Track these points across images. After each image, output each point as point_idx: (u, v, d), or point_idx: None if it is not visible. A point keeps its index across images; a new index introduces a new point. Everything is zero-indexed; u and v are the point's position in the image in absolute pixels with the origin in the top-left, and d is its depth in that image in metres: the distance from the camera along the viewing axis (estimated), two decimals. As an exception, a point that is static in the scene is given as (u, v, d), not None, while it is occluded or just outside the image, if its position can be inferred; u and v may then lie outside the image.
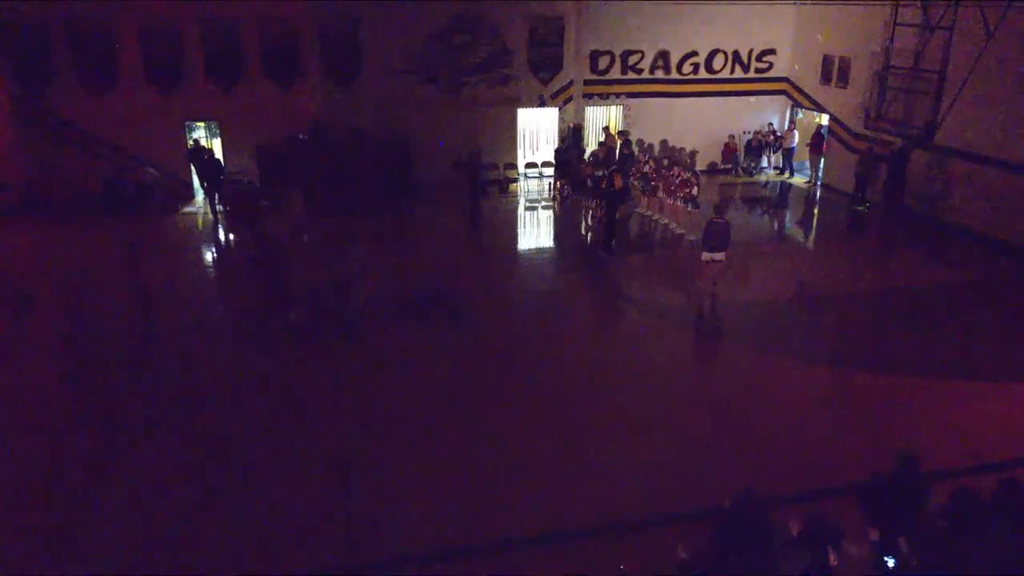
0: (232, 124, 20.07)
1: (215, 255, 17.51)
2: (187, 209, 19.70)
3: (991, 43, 16.09)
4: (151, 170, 19.87)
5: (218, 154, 19.85)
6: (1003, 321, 13.38)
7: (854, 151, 20.65)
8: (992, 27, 16.02)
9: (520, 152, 22.42)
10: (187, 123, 20.34)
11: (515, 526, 8.14)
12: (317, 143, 19.81)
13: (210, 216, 18.75)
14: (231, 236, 18.19)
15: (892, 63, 18.81)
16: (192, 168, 19.90)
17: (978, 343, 12.48)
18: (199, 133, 21.08)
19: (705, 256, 13.98)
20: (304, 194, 16.71)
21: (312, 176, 19.28)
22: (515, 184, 22.15)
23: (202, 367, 11.68)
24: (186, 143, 20.15)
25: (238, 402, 10.64)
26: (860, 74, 20.31)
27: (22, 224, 18.26)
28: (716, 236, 13.71)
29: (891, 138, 19.27)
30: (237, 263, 17.00)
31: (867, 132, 20.01)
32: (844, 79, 21.03)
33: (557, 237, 19.01)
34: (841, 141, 21.38)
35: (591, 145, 22.28)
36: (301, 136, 19.89)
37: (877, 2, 19.21)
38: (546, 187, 21.98)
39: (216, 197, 18.72)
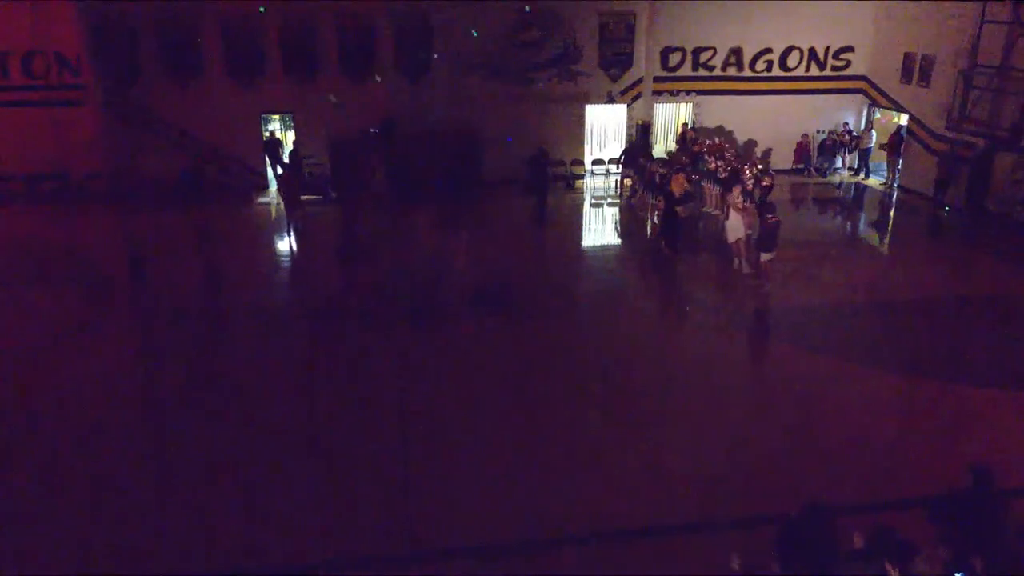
0: (306, 117, 20.58)
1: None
2: (262, 199, 20.30)
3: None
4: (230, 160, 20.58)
5: (290, 146, 20.48)
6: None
7: (934, 153, 19.93)
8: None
9: (587, 149, 22.38)
10: (263, 115, 20.95)
11: (567, 524, 8.08)
12: (387, 137, 20.17)
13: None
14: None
15: (978, 62, 18.09)
16: (267, 159, 20.52)
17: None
18: (274, 126, 21.70)
19: (763, 256, 13.96)
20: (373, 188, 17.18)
21: (382, 169, 19.69)
22: (582, 181, 22.13)
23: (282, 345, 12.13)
24: (262, 135, 20.78)
25: (298, 384, 10.98)
26: (943, 73, 19.58)
27: (109, 209, 19.20)
28: (766, 235, 13.85)
29: (974, 139, 18.55)
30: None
31: (949, 133, 19.30)
32: (926, 78, 20.31)
33: (621, 234, 18.93)
34: (920, 142, 20.66)
35: (659, 142, 22.12)
36: (373, 130, 20.29)
37: (965, -2, 18.51)
38: (613, 184, 21.88)
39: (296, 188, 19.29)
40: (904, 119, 21.46)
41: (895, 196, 21.20)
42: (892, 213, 20.46)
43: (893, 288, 15.00)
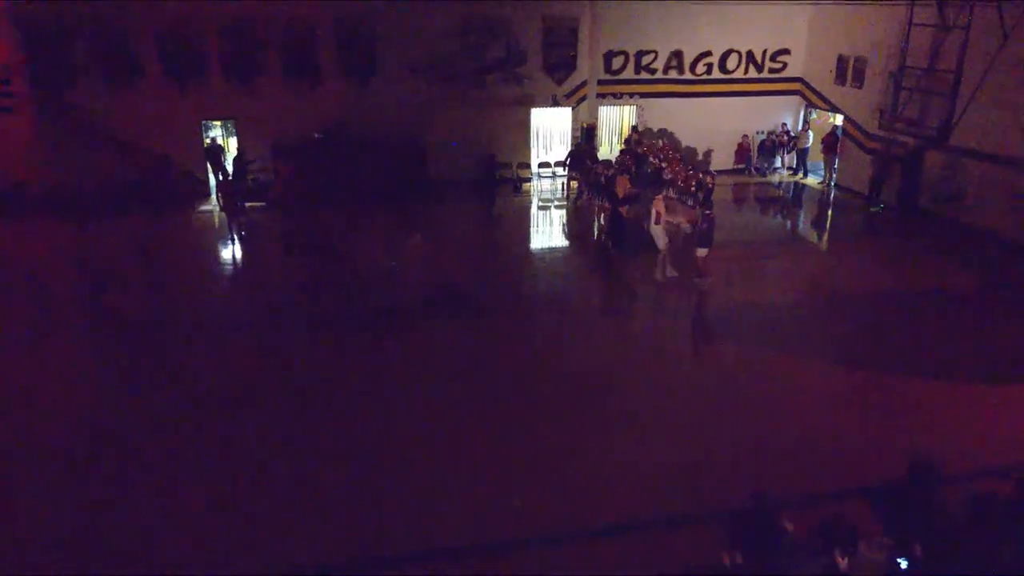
0: (249, 123, 20.25)
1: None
2: (203, 207, 19.91)
3: (1007, 43, 16.03)
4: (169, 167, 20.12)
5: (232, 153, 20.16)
6: (1020, 323, 13.27)
7: (868, 152, 20.60)
8: (1008, 27, 15.96)
9: (533, 152, 22.51)
10: (204, 121, 20.56)
11: (521, 526, 8.07)
12: (333, 142, 19.99)
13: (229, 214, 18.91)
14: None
15: (907, 63, 18.75)
16: (208, 166, 20.15)
17: (994, 345, 12.37)
18: (215, 132, 21.31)
19: (699, 252, 14.23)
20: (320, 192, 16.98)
21: (327, 174, 19.50)
22: (529, 183, 22.25)
23: (224, 354, 11.89)
24: (203, 141, 20.39)
25: (252, 395, 10.78)
26: (875, 74, 20.26)
27: (45, 220, 18.57)
28: (703, 232, 14.16)
29: (906, 139, 19.22)
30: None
31: (882, 133, 19.95)
32: (859, 79, 20.99)
33: (568, 236, 19.06)
34: (855, 141, 21.33)
35: (604, 145, 22.37)
36: (317, 135, 20.07)
37: (893, 2, 19.16)
38: (559, 187, 22.05)
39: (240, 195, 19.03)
40: (839, 119, 22.13)
41: (832, 195, 21.82)
42: (829, 211, 21.05)
43: (831, 284, 15.39)
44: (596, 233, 18.45)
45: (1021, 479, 6.20)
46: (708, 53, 22.55)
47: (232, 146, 21.05)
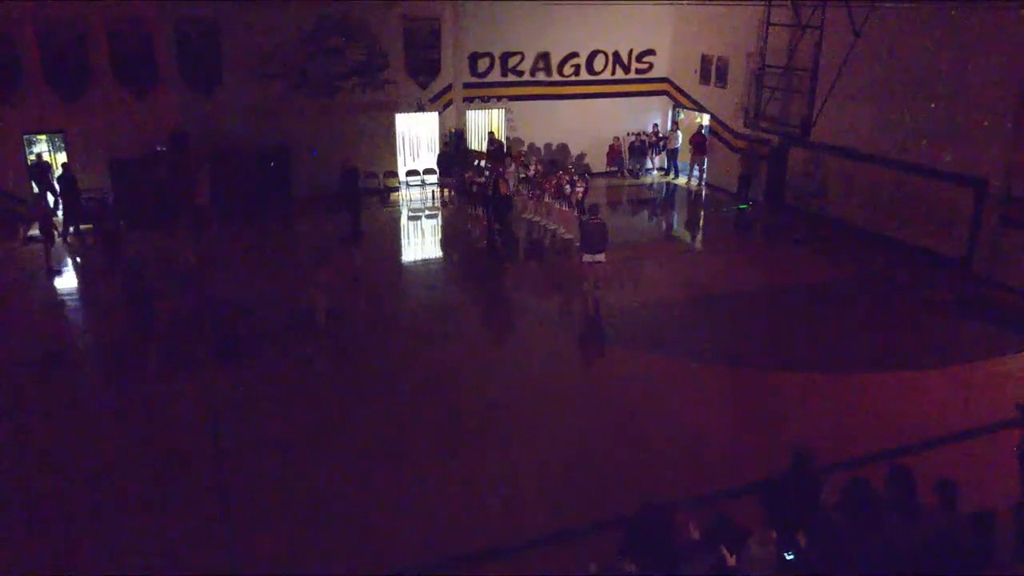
0: (80, 137, 18.25)
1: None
2: (32, 232, 17.69)
3: (859, 42, 16.39)
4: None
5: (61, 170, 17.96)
6: (883, 313, 13.64)
7: (736, 150, 20.80)
8: (858, 26, 16.32)
9: (400, 159, 21.51)
10: (26, 136, 18.38)
11: (401, 550, 7.59)
12: (178, 155, 18.27)
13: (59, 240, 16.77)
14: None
15: (767, 62, 18.98)
16: (34, 186, 18.01)
17: (863, 336, 12.67)
18: (41, 147, 19.07)
19: (586, 258, 13.72)
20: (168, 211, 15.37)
21: (175, 191, 17.79)
22: (397, 193, 21.23)
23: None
24: (26, 159, 18.22)
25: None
26: (738, 74, 20.47)
27: None
28: (593, 237, 13.50)
29: (770, 136, 19.48)
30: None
31: (747, 131, 20.17)
32: (723, 79, 21.17)
33: (443, 246, 18.25)
34: (723, 140, 21.52)
35: (476, 148, 21.66)
36: (159, 148, 18.30)
37: (751, 2, 19.37)
38: (429, 195, 21.14)
39: (71, 218, 16.97)
40: (706, 119, 22.29)
41: (703, 194, 21.95)
42: (701, 211, 21.17)
43: (705, 283, 15.36)
44: (471, 240, 17.69)
45: (892, 466, 6.20)
46: (575, 54, 22.22)
47: (59, 163, 18.90)
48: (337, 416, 10.19)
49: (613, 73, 22.76)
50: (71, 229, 17.12)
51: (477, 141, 22.03)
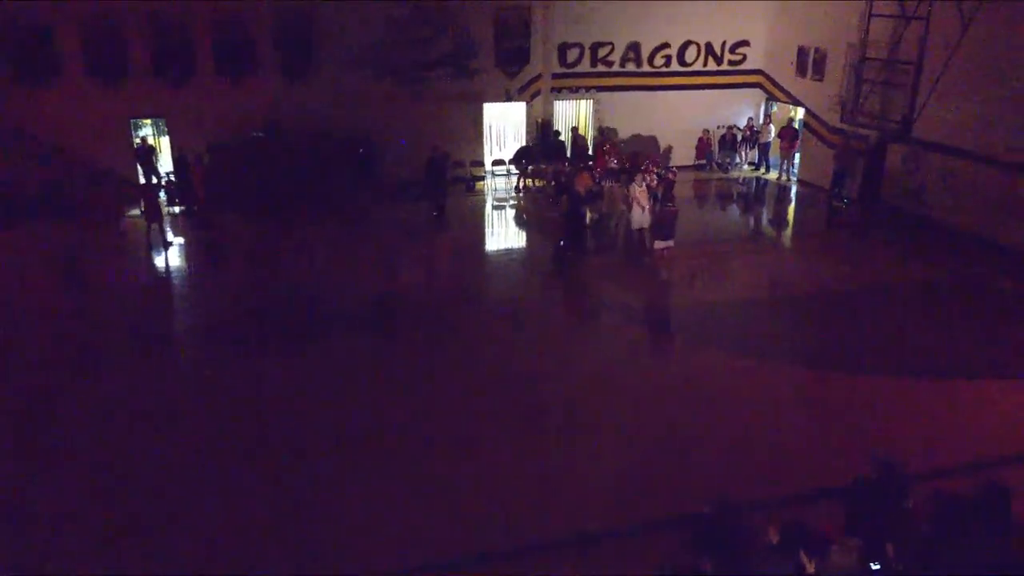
0: (180, 121, 19.06)
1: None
2: (133, 213, 18.63)
3: (967, 35, 15.55)
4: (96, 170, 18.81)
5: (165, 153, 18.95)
6: (981, 319, 12.91)
7: (831, 145, 20.05)
8: (967, 19, 15.48)
9: (487, 149, 21.62)
10: (133, 120, 19.33)
11: (481, 539, 7.63)
12: (273, 141, 18.89)
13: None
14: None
15: (868, 55, 18.21)
16: (140, 168, 18.95)
17: (956, 341, 12.08)
18: (146, 131, 20.04)
19: (657, 244, 14.07)
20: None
21: (269, 175, 18.45)
22: (482, 182, 21.37)
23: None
24: (133, 142, 19.17)
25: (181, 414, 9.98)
26: (836, 66, 19.69)
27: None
28: (664, 224, 14.03)
29: (868, 132, 18.69)
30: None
31: (843, 126, 19.41)
32: (820, 72, 20.41)
33: (525, 236, 18.29)
34: (817, 135, 20.78)
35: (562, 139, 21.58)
36: (256, 134, 18.97)
37: (853, -7, 18.58)
38: (514, 184, 21.19)
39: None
40: (800, 112, 21.56)
41: (794, 190, 21.27)
42: (792, 207, 20.53)
43: (794, 282, 14.93)
44: (554, 232, 17.68)
45: (983, 478, 6.05)
46: (666, 45, 21.80)
47: (164, 146, 19.81)
48: (424, 406, 10.32)
49: (705, 64, 22.23)
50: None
51: (565, 132, 21.93)
